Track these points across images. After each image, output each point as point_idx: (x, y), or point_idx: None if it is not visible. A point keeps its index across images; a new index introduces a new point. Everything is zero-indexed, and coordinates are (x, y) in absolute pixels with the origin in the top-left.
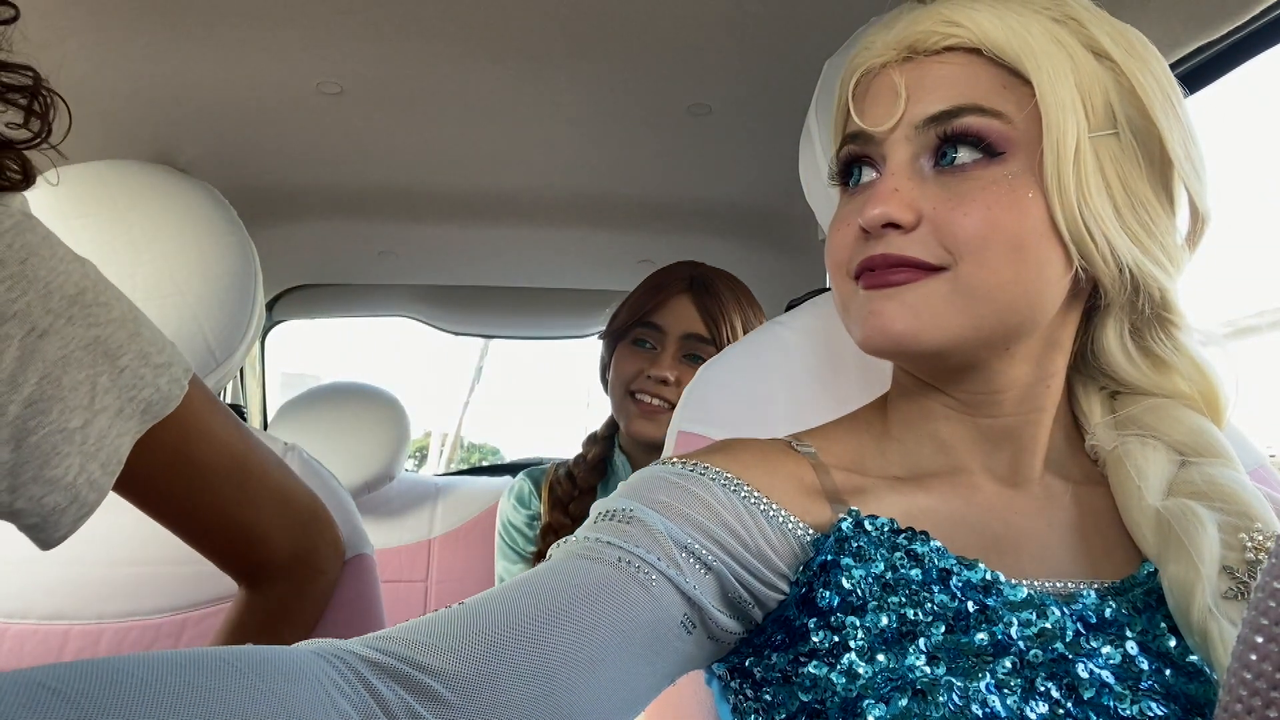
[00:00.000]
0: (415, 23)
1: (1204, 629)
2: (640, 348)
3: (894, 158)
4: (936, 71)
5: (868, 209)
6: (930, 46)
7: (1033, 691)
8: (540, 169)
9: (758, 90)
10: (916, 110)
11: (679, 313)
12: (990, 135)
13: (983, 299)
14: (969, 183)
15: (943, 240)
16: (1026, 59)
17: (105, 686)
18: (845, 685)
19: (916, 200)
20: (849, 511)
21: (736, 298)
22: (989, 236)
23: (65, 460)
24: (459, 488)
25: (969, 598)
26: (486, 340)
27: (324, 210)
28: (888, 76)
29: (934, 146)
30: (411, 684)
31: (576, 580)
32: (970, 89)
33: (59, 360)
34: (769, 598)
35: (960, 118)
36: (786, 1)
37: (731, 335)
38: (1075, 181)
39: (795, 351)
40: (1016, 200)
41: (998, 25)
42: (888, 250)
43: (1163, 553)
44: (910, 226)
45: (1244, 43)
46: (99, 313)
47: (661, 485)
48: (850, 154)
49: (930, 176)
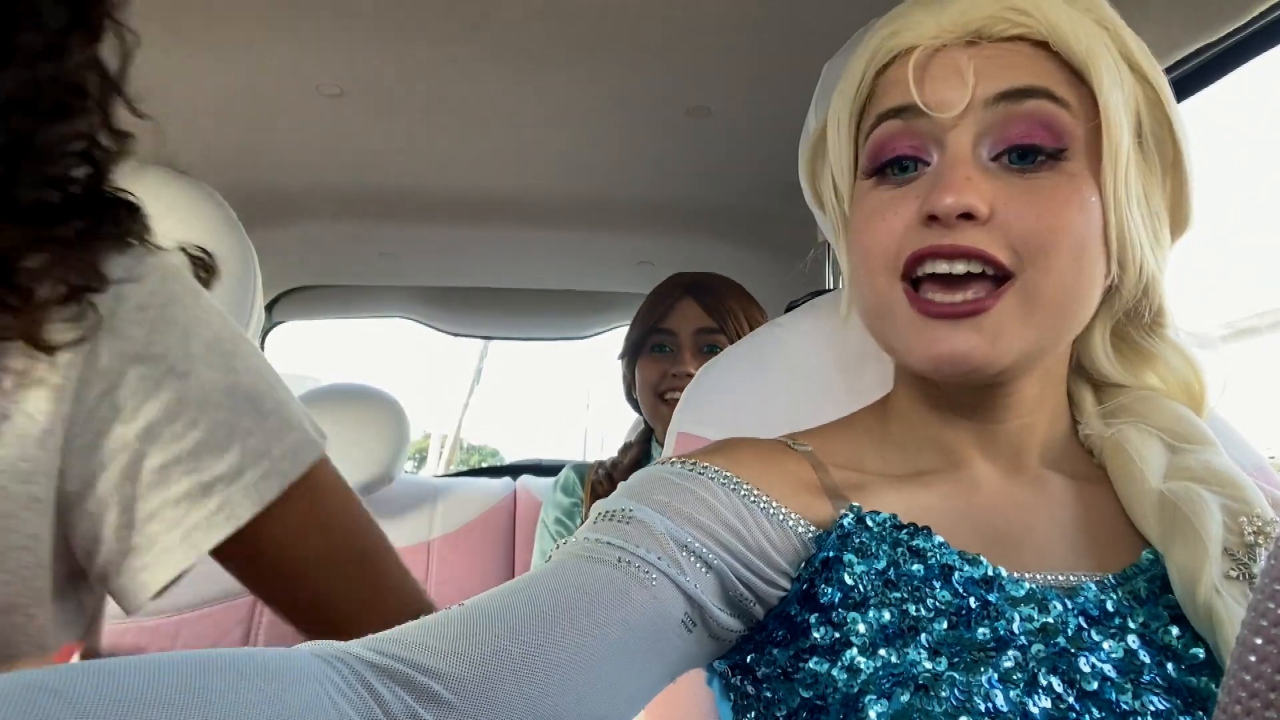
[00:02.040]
0: (415, 25)
1: (1209, 608)
2: (660, 353)
3: (957, 143)
4: (1004, 56)
5: (941, 196)
6: (997, 33)
7: (1035, 686)
8: (540, 171)
9: (757, 92)
10: (984, 89)
11: (686, 313)
12: (1059, 124)
13: (1046, 307)
14: (1036, 179)
15: (1012, 240)
16: (1090, 59)
17: (106, 688)
18: (846, 681)
19: (988, 193)
20: (851, 507)
21: (735, 293)
22: (1059, 240)
23: (187, 514)
24: (458, 489)
25: (971, 593)
26: (486, 342)
27: (323, 211)
28: (949, 57)
29: (999, 132)
30: (412, 686)
31: (577, 580)
32: (1040, 75)
33: (198, 402)
34: (770, 595)
35: (1034, 98)
36: (786, 4)
37: (737, 324)
38: (1126, 191)
39: (794, 353)
40: (1083, 203)
41: (1064, 20)
42: (959, 241)
43: (1167, 534)
44: (985, 219)
45: (1243, 45)
46: (238, 362)
47: (661, 485)
48: (891, 132)
49: (991, 168)
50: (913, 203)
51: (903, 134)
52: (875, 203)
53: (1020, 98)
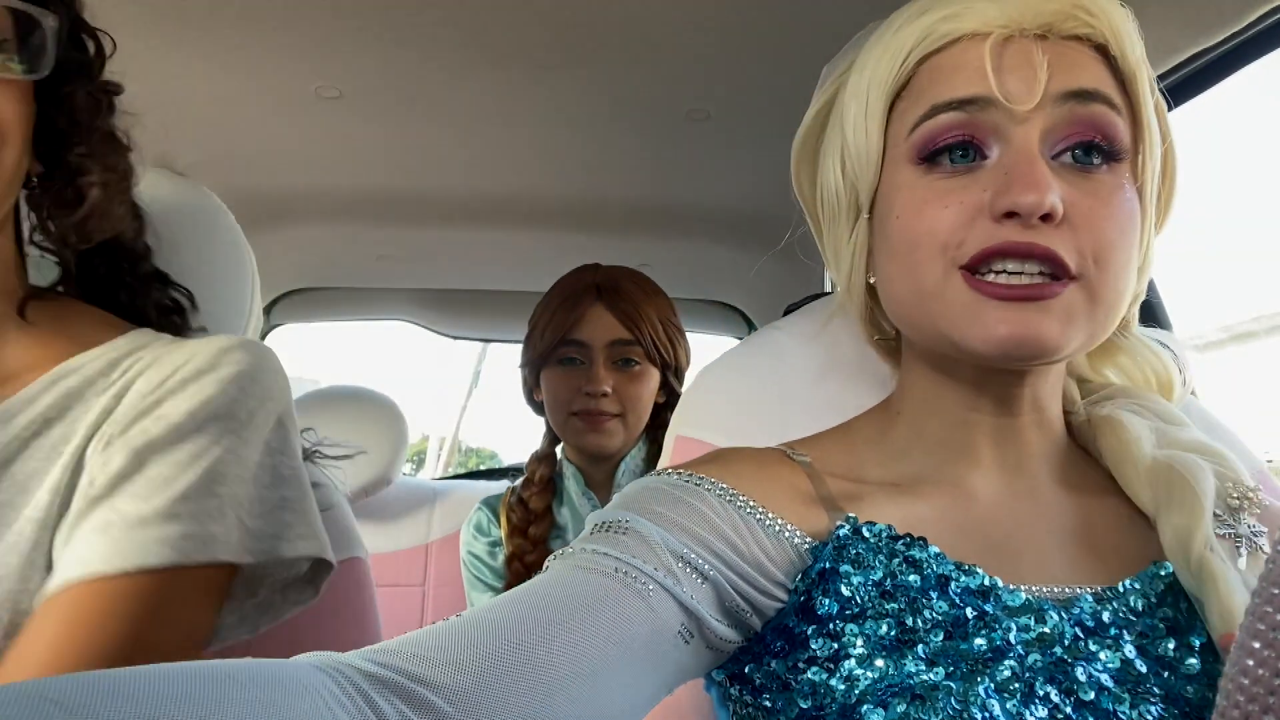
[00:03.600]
0: (414, 27)
1: (1201, 562)
2: (570, 365)
3: (1026, 138)
4: (1072, 54)
5: (1024, 192)
6: (1067, 30)
7: (1032, 696)
8: (539, 173)
9: (756, 95)
10: (1057, 84)
11: (598, 323)
12: (1117, 131)
13: (1102, 306)
14: (1098, 183)
15: (1079, 243)
16: (1139, 69)
17: (106, 698)
18: (844, 691)
19: (1062, 193)
20: (846, 518)
21: (645, 293)
22: (1119, 245)
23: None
24: (457, 492)
25: (967, 603)
26: (484, 344)
27: (322, 214)
28: (1023, 47)
29: (1063, 130)
30: (410, 697)
31: (574, 591)
32: (1102, 79)
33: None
34: (767, 606)
35: (1098, 103)
36: (785, 6)
37: (652, 330)
38: (1155, 198)
39: (793, 356)
40: (1134, 210)
41: (1124, 28)
42: (1037, 240)
43: (1162, 498)
44: (1059, 221)
45: (1240, 49)
46: (291, 442)
47: (657, 496)
48: (950, 123)
49: (1054, 166)
50: (976, 194)
51: (964, 124)
52: (929, 190)
53: (1088, 99)
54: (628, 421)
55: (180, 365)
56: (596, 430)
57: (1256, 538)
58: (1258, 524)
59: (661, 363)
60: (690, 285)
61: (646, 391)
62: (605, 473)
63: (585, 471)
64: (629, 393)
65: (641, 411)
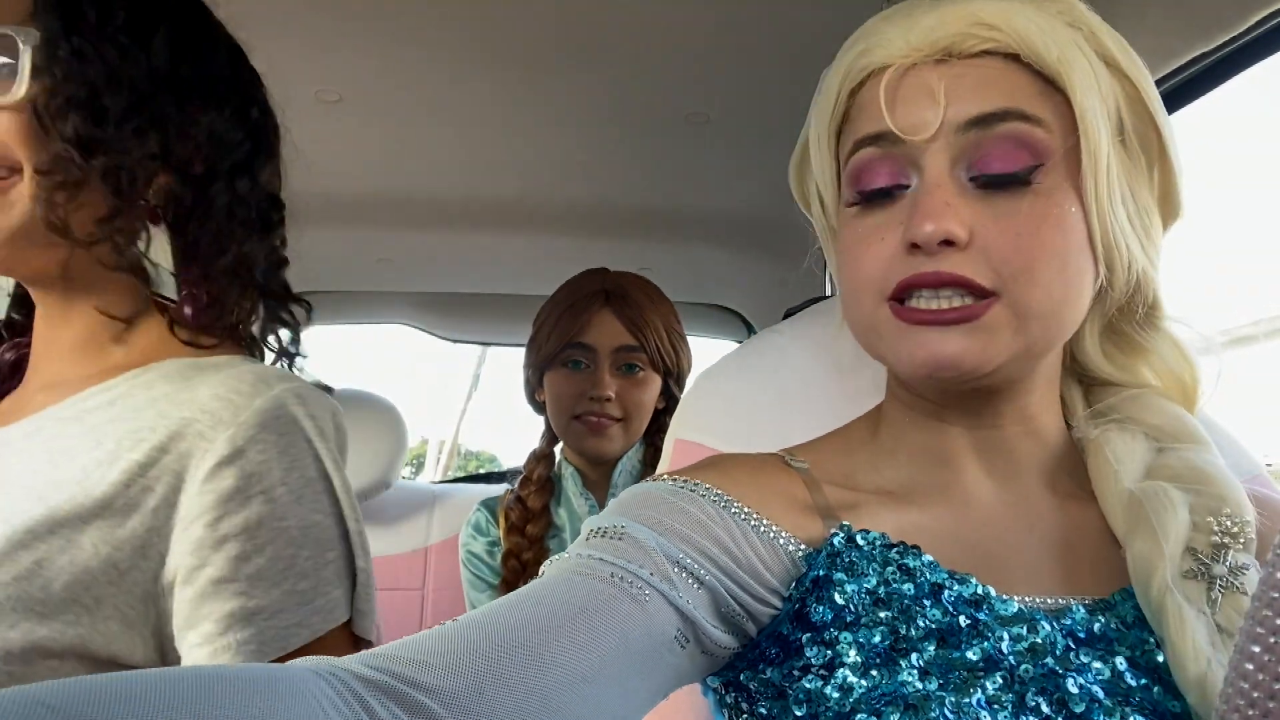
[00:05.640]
0: (414, 31)
1: (1160, 604)
2: (574, 369)
3: (933, 166)
4: (974, 74)
5: (921, 224)
6: (967, 50)
7: (1023, 707)
8: (538, 177)
9: (756, 99)
10: (956, 112)
11: (605, 328)
12: (1033, 143)
13: (1035, 318)
14: (1013, 200)
15: (993, 263)
16: (1062, 66)
17: (103, 703)
18: (839, 700)
19: (967, 217)
20: (841, 526)
21: (651, 299)
22: (1039, 258)
23: (222, 634)
24: (456, 495)
25: (961, 612)
26: (484, 348)
27: (321, 218)
28: (920, 77)
29: (973, 155)
30: (406, 701)
31: (571, 596)
32: (1011, 94)
33: (272, 529)
34: (762, 612)
35: (1006, 122)
36: (784, 11)
37: (657, 337)
38: (1109, 194)
39: (792, 360)
40: (1061, 217)
41: (1034, 31)
42: (941, 268)
43: (1130, 531)
44: (965, 244)
45: (1240, 52)
46: (323, 503)
47: (653, 502)
48: (868, 160)
49: (969, 189)
50: (895, 229)
51: (880, 160)
52: (859, 231)
53: (992, 123)
54: (629, 427)
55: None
56: (598, 434)
57: (1236, 576)
58: (1243, 558)
59: (664, 369)
60: (690, 289)
61: (649, 397)
62: (603, 474)
63: (583, 472)
64: (632, 398)
65: (643, 417)
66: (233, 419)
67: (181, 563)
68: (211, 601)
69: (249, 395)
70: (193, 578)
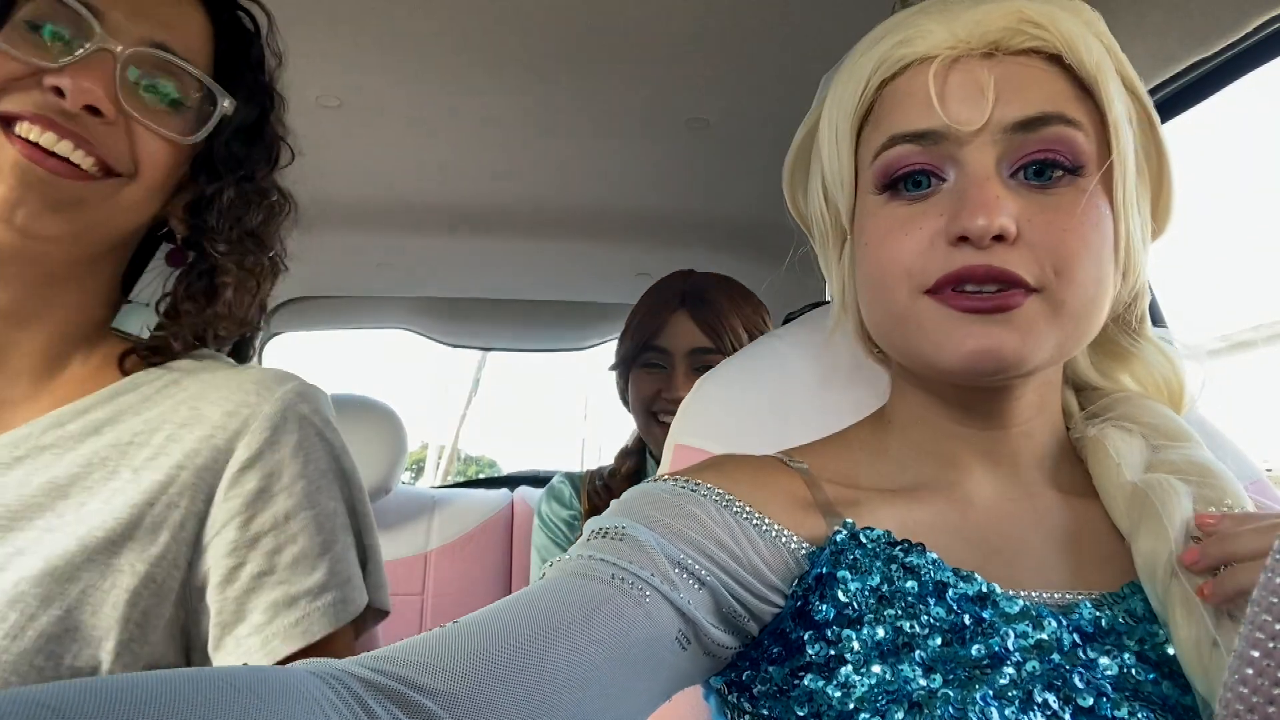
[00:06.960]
0: (414, 36)
1: (1167, 590)
2: (652, 370)
3: (978, 161)
4: (1021, 74)
5: (973, 216)
6: (1015, 45)
7: (1030, 702)
8: (538, 182)
9: (756, 104)
10: (1003, 112)
11: (680, 331)
12: (1075, 146)
13: (1071, 317)
14: (1058, 197)
15: (1041, 258)
16: (1100, 73)
17: (104, 704)
18: (841, 698)
19: (1014, 210)
20: (844, 524)
21: (732, 301)
22: (1083, 256)
23: (270, 622)
24: (456, 500)
25: (965, 610)
26: (484, 353)
27: (322, 222)
28: (968, 70)
29: (1017, 154)
30: (407, 704)
31: (572, 598)
32: (1055, 96)
33: (304, 516)
34: (764, 612)
35: (1050, 126)
36: (785, 16)
37: (734, 339)
38: (1134, 203)
39: (792, 365)
40: (1100, 218)
41: (1076, 34)
42: (992, 263)
43: (1135, 522)
44: (1014, 239)
45: (1238, 59)
46: (336, 490)
47: (654, 502)
48: (905, 154)
49: (1012, 185)
50: (934, 220)
51: (919, 154)
52: (890, 219)
53: (1037, 126)
54: None
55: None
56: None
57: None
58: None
59: None
60: None
61: None
62: None
63: None
64: None
65: None
66: (245, 428)
67: (218, 565)
68: (256, 595)
69: (256, 404)
70: (234, 576)
